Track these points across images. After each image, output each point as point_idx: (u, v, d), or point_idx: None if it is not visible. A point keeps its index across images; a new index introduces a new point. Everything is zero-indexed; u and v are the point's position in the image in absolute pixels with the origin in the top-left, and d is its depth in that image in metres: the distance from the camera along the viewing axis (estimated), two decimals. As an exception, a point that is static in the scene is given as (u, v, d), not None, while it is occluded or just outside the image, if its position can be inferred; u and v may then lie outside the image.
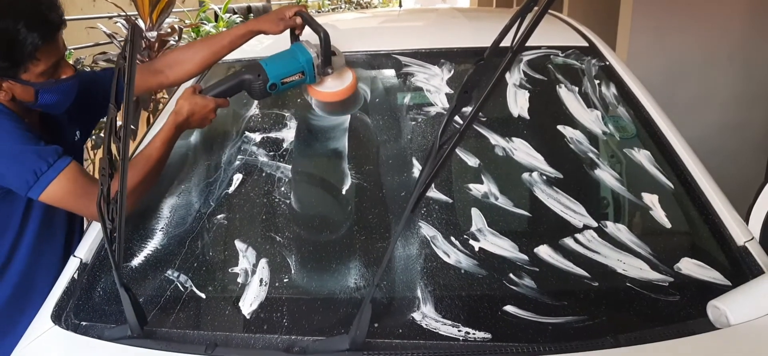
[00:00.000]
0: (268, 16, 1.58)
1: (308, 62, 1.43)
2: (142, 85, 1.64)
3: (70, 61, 4.16)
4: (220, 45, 1.61)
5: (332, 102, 1.54)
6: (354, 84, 1.53)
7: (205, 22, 6.10)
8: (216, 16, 6.72)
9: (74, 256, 1.34)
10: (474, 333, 1.08)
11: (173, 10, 4.82)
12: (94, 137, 3.73)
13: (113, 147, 0.97)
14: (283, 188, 1.42)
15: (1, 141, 1.29)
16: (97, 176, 1.27)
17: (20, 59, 1.26)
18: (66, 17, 1.33)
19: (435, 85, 1.62)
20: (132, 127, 1.23)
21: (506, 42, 0.84)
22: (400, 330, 1.10)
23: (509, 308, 1.12)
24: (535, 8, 0.77)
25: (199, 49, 1.63)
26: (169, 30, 4.69)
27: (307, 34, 1.54)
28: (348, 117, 1.58)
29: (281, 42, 1.60)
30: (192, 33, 5.65)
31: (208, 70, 1.73)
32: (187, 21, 5.93)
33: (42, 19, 1.26)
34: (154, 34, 4.49)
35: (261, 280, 1.22)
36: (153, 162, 1.33)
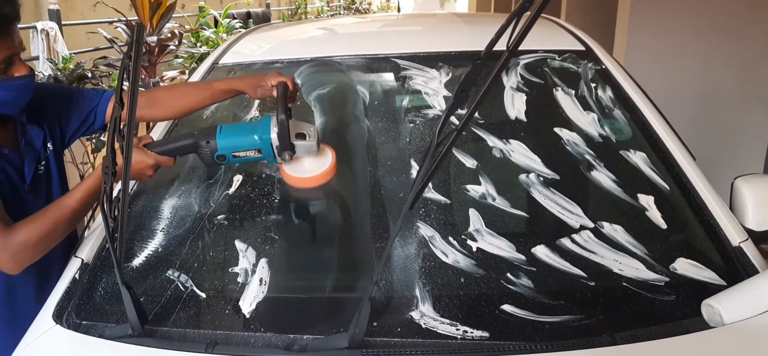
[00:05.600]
0: (251, 80, 1.50)
1: (265, 143, 1.27)
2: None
3: (71, 66, 4.14)
4: (202, 96, 1.55)
5: (302, 188, 1.36)
6: (332, 170, 1.34)
7: (204, 27, 6.12)
8: (216, 21, 6.74)
9: (76, 256, 1.35)
10: (472, 332, 1.09)
11: (173, 15, 4.85)
12: (94, 140, 3.74)
13: (117, 146, 0.98)
14: (282, 189, 1.44)
15: None
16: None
17: None
18: (68, 22, 1.33)
19: (433, 88, 1.64)
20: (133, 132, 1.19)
21: (503, 43, 0.85)
22: (399, 329, 1.11)
23: (507, 307, 1.13)
24: (529, 12, 0.78)
25: (180, 95, 1.57)
26: (169, 35, 4.72)
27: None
28: (348, 124, 1.57)
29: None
30: (192, 38, 5.67)
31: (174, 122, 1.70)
32: (187, 26, 5.95)
33: None
34: (155, 38, 4.51)
35: (261, 279, 1.23)
36: (68, 212, 1.26)
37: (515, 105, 1.57)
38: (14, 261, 1.23)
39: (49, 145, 1.48)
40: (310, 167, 1.33)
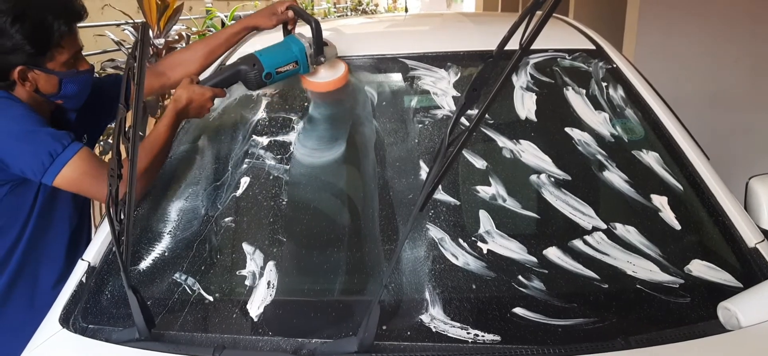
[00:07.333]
0: (262, 12, 1.65)
1: (301, 52, 1.50)
2: (145, 87, 1.65)
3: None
4: (217, 43, 1.69)
5: (325, 92, 1.62)
6: (346, 75, 1.62)
7: (211, 29, 6.13)
8: (222, 23, 6.75)
9: (82, 260, 1.34)
10: (483, 336, 1.07)
11: (180, 17, 4.85)
12: (102, 143, 3.75)
13: (122, 148, 0.97)
14: (290, 191, 1.42)
15: (16, 124, 1.31)
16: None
17: (47, 46, 1.31)
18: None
19: (442, 88, 1.62)
20: (139, 133, 1.27)
21: (514, 42, 0.84)
22: (409, 333, 1.09)
23: (518, 310, 1.11)
24: (540, 11, 0.77)
25: (198, 50, 1.70)
26: (176, 37, 4.72)
27: (300, 30, 1.61)
28: (356, 125, 1.57)
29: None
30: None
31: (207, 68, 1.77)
32: (194, 28, 5.96)
33: (68, 7, 1.34)
34: (162, 41, 4.51)
35: (268, 283, 1.21)
36: (160, 145, 1.38)
37: (525, 105, 1.55)
38: None
39: (83, 138, 1.56)
40: (328, 75, 1.59)
